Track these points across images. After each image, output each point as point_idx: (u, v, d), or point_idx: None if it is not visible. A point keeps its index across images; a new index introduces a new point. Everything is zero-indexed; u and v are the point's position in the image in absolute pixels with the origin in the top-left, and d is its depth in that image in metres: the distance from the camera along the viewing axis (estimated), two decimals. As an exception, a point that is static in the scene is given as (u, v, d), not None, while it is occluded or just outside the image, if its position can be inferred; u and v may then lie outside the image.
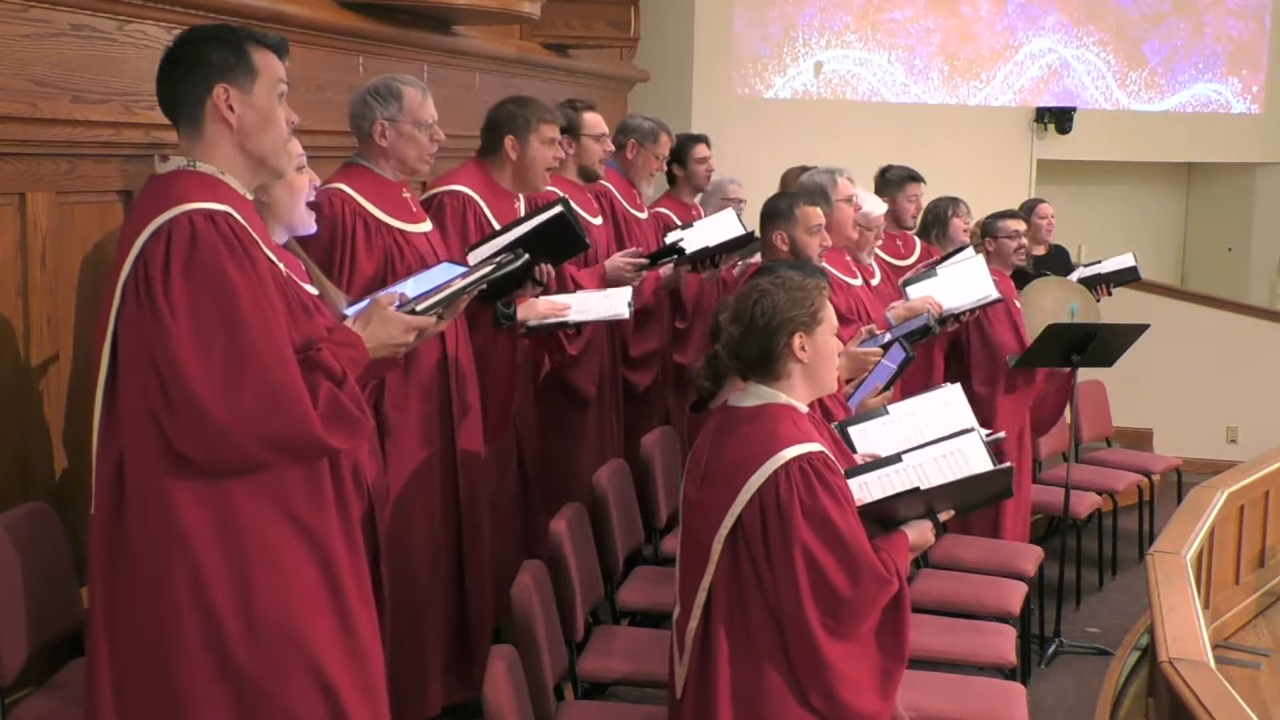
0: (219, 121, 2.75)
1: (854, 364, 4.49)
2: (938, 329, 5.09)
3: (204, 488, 2.63)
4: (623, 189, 5.79)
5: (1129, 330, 6.14)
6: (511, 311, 4.37)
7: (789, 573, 2.98)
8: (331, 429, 2.67)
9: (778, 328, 3.09)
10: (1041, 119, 10.02)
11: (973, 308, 5.58)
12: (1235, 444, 9.25)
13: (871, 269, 5.65)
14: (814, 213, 4.71)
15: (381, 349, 2.93)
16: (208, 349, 2.59)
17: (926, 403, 3.98)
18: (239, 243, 2.66)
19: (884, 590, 3.03)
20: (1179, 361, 9.30)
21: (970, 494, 3.34)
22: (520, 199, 4.76)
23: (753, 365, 3.15)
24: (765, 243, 4.75)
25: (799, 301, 3.11)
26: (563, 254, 4.42)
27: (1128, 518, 7.36)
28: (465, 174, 4.62)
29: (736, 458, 3.07)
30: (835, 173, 5.16)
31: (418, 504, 4.05)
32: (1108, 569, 7.02)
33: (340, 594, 2.77)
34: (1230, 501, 6.03)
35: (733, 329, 3.15)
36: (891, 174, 6.50)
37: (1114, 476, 7.20)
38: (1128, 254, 7.59)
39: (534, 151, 4.61)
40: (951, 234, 6.61)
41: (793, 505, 2.98)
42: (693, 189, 6.37)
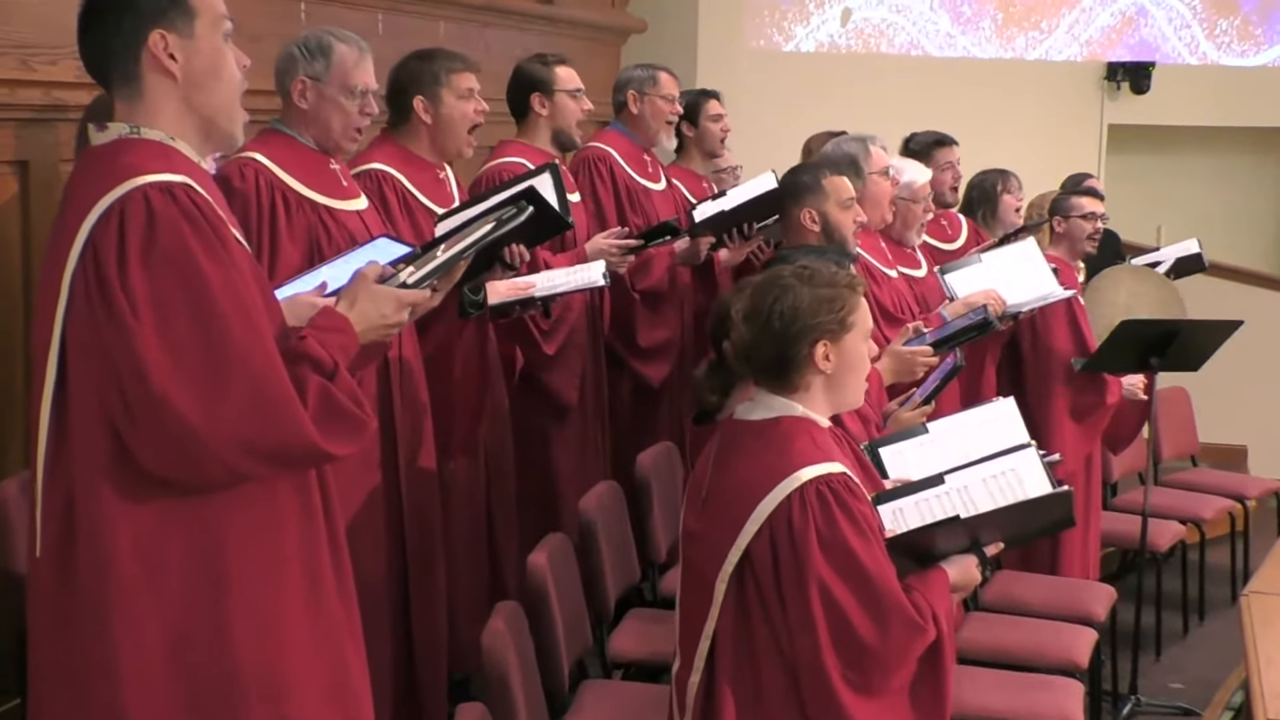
0: (160, 74, 2.72)
1: (900, 365, 4.50)
2: (999, 325, 5.10)
3: (174, 510, 2.63)
4: (629, 153, 5.81)
5: (1219, 328, 6.15)
6: (481, 298, 4.39)
7: (804, 616, 2.99)
8: (328, 431, 2.67)
9: (799, 334, 3.10)
10: (1113, 76, 10.05)
11: (1037, 306, 5.59)
12: (1343, 463, 9.26)
13: (916, 257, 5.66)
14: (844, 184, 4.74)
15: (371, 331, 2.90)
16: (178, 348, 2.58)
17: (973, 419, 3.99)
18: (205, 220, 2.64)
19: (917, 638, 3.03)
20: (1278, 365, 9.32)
21: (1024, 523, 3.34)
22: (447, 170, 4.78)
23: (765, 371, 3.16)
24: (790, 225, 4.77)
25: (827, 303, 3.12)
26: (539, 234, 4.44)
27: (1218, 551, 7.36)
28: (377, 151, 4.64)
29: (743, 480, 3.08)
30: (867, 141, 5.18)
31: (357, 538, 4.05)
32: (1194, 612, 7.02)
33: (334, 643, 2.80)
34: (1340, 531, 6.06)
35: (745, 327, 3.16)
36: (916, 142, 6.51)
37: (1201, 502, 7.21)
38: (1191, 239, 7.61)
39: (449, 109, 4.62)
40: (1001, 214, 6.62)
41: (808, 535, 2.99)
42: (705, 154, 6.38)
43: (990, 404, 4.08)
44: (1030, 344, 6.01)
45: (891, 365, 4.53)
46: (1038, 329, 5.98)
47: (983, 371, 5.86)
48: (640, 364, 5.66)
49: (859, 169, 5.03)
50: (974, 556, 3.25)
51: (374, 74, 4.12)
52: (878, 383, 4.45)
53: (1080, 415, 6.02)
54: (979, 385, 5.79)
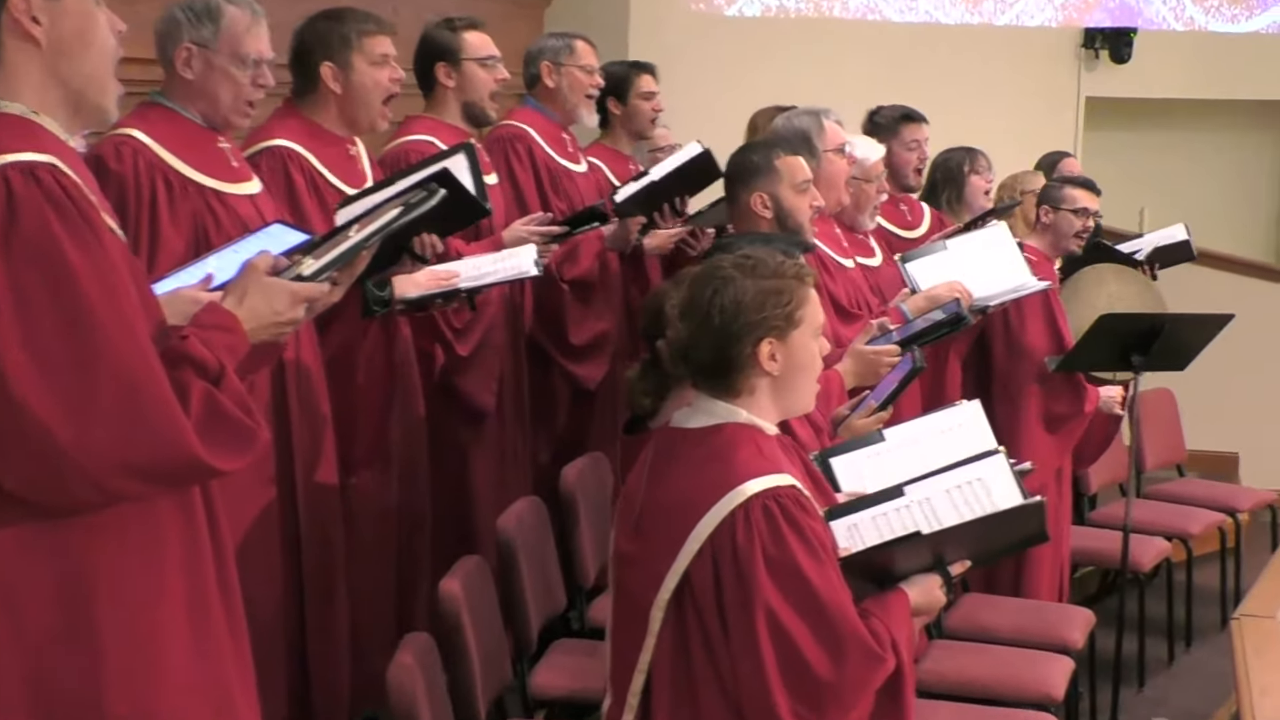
0: (21, 40, 2.69)
1: (863, 366, 4.52)
2: (971, 320, 5.14)
3: (36, 536, 2.60)
4: (546, 131, 5.81)
5: (1208, 323, 6.21)
6: (387, 295, 4.38)
7: (750, 647, 2.99)
8: (213, 443, 2.65)
9: (741, 331, 3.11)
10: (1091, 44, 10.14)
11: (1008, 299, 5.63)
12: (1345, 472, 9.39)
13: (870, 243, 5.70)
14: (800, 164, 4.75)
15: (263, 330, 2.88)
16: (41, 349, 2.55)
17: (935, 424, 4.01)
18: (73, 205, 2.61)
19: (875, 669, 3.05)
20: (1273, 364, 9.43)
21: (992, 538, 3.37)
22: (359, 145, 4.77)
23: (705, 373, 3.17)
24: (739, 210, 4.79)
25: (773, 296, 3.13)
26: (453, 221, 4.43)
27: (1206, 570, 7.44)
28: (279, 126, 4.61)
29: (681, 495, 3.09)
30: (821, 115, 5.20)
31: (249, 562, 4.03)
32: (1180, 638, 7.09)
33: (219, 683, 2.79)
34: (1340, 547, 6.15)
35: (682, 324, 3.17)
36: (882, 116, 6.54)
37: (1188, 516, 7.29)
38: (1177, 225, 7.69)
39: (361, 77, 4.62)
40: (968, 196, 6.68)
41: (754, 556, 3.00)
42: (633, 134, 6.40)
43: (954, 407, 4.08)
44: (1003, 342, 6.05)
45: (854, 367, 4.55)
46: (1011, 325, 6.02)
47: (946, 371, 5.89)
48: (573, 363, 5.66)
49: (812, 146, 5.05)
50: (937, 576, 3.28)
51: (269, 40, 4.10)
52: (839, 387, 4.47)
53: (1054, 424, 6.07)
54: (942, 387, 5.83)
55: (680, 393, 3.30)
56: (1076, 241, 6.20)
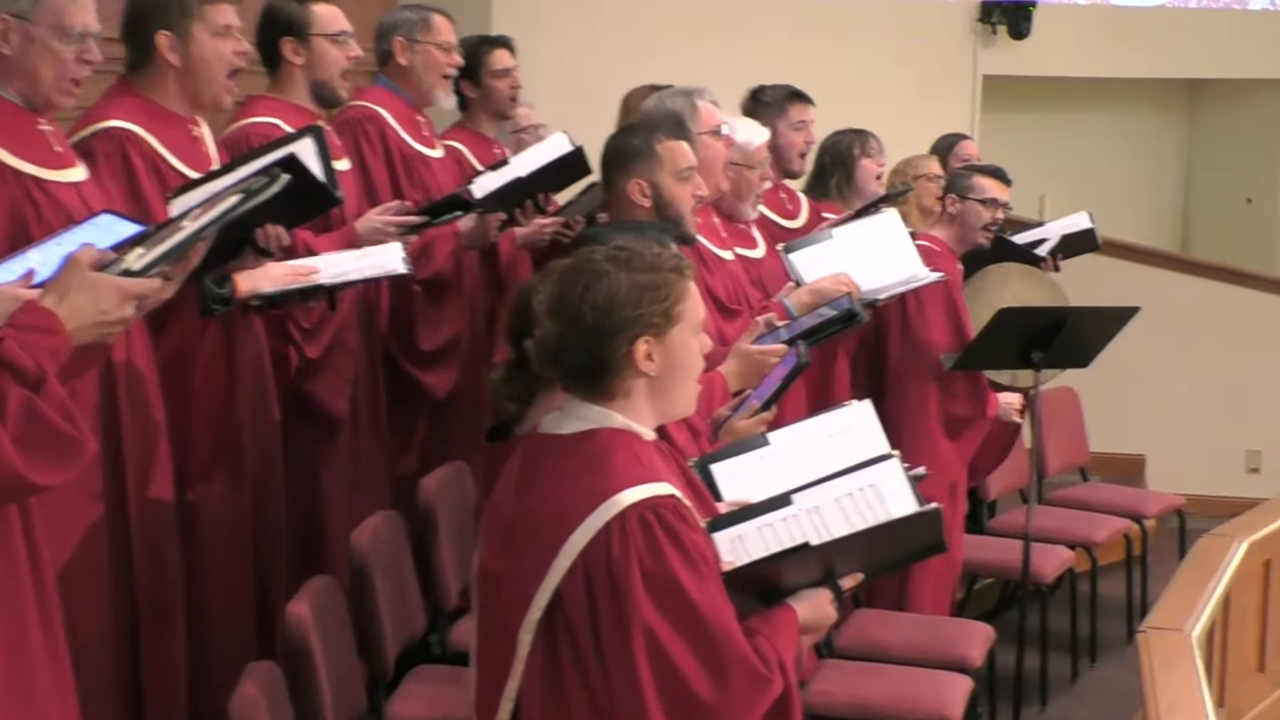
0: None
1: (749, 367, 4.54)
2: (865, 317, 5.18)
3: None
4: (400, 114, 5.79)
5: (1112, 316, 6.32)
6: (228, 292, 4.35)
7: (627, 670, 2.99)
8: (33, 455, 2.64)
9: (615, 329, 3.11)
10: (988, 18, 10.26)
11: (899, 292, 5.69)
12: (1258, 474, 9.57)
13: (752, 234, 5.73)
14: (683, 149, 4.76)
15: (87, 330, 2.86)
16: None
17: (823, 427, 4.03)
18: None
19: (762, 692, 3.06)
20: (1180, 360, 9.61)
21: (886, 549, 3.40)
22: (202, 125, 4.73)
23: (576, 375, 3.17)
24: (615, 198, 4.79)
25: (649, 291, 3.13)
26: (301, 211, 4.41)
27: (1112, 580, 7.57)
28: (113, 105, 4.57)
29: (551, 507, 3.09)
30: (694, 95, 5.23)
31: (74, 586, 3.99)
32: (1084, 653, 7.21)
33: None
34: (1252, 555, 6.23)
35: (551, 322, 3.16)
36: (767, 95, 6.55)
37: (1092, 523, 7.40)
38: (1080, 213, 7.81)
39: (202, 49, 4.59)
40: (859, 182, 6.73)
41: (630, 572, 3.01)
42: (492, 115, 6.39)
43: (843, 408, 4.11)
44: (899, 337, 6.11)
45: (739, 368, 4.57)
46: (910, 319, 6.08)
47: (834, 370, 5.95)
48: (422, 371, 5.63)
49: (685, 129, 5.07)
50: (828, 591, 3.30)
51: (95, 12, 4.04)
52: (722, 388, 4.50)
53: (954, 428, 6.14)
54: (830, 386, 5.88)
55: (549, 396, 3.29)
56: (984, 234, 6.27)
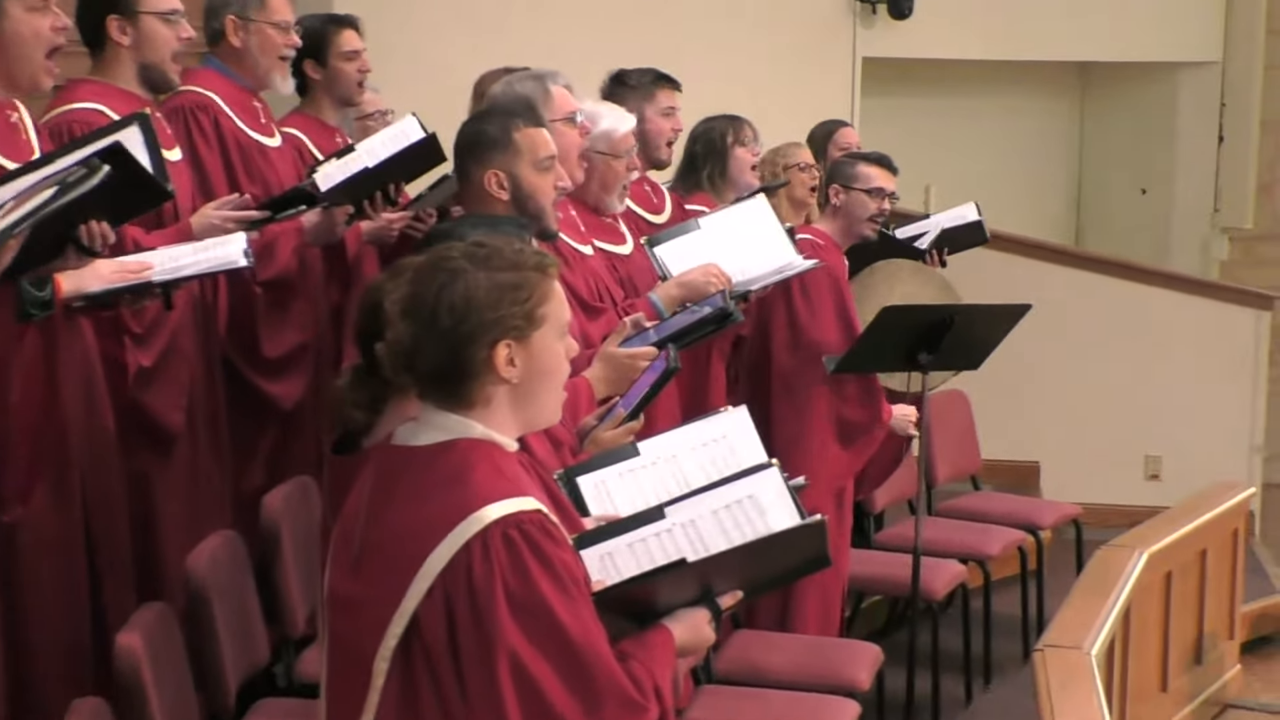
0: None
1: (618, 372, 4.58)
2: (740, 316, 5.22)
3: None
4: (234, 99, 5.75)
5: (1003, 314, 6.41)
6: (48, 294, 4.31)
7: (491, 698, 3.00)
8: None
9: (474, 331, 3.11)
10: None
11: (772, 281, 5.74)
12: (1158, 481, 9.76)
13: (619, 228, 5.75)
14: (543, 137, 4.76)
15: None
16: None
17: (697, 435, 4.05)
18: None
19: (635, 719, 3.08)
20: (1076, 360, 9.75)
21: (767, 565, 3.43)
22: (21, 110, 4.68)
23: (432, 381, 3.18)
24: (470, 190, 4.78)
25: (510, 290, 3.14)
26: (129, 205, 4.38)
27: (1006, 596, 7.68)
28: None
29: (407, 524, 3.08)
30: (546, 79, 5.23)
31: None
32: (978, 674, 7.30)
33: None
34: (1153, 567, 6.36)
35: (404, 324, 3.16)
36: (631, 78, 6.51)
37: (984, 535, 7.50)
38: (968, 204, 7.92)
39: (16, 25, 4.56)
40: (733, 172, 6.76)
41: (494, 594, 3.01)
42: (337, 100, 6.35)
43: (718, 415, 4.14)
44: (786, 335, 6.16)
45: (606, 373, 4.60)
46: (796, 315, 6.13)
47: (709, 373, 5.98)
48: (266, 380, 5.60)
49: (537, 115, 5.07)
50: (705, 610, 3.33)
51: None
52: (588, 396, 4.52)
53: (847, 434, 6.20)
54: (704, 391, 5.92)
55: (401, 404, 3.29)
56: (871, 225, 6.34)
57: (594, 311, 5.13)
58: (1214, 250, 12.13)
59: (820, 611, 6.17)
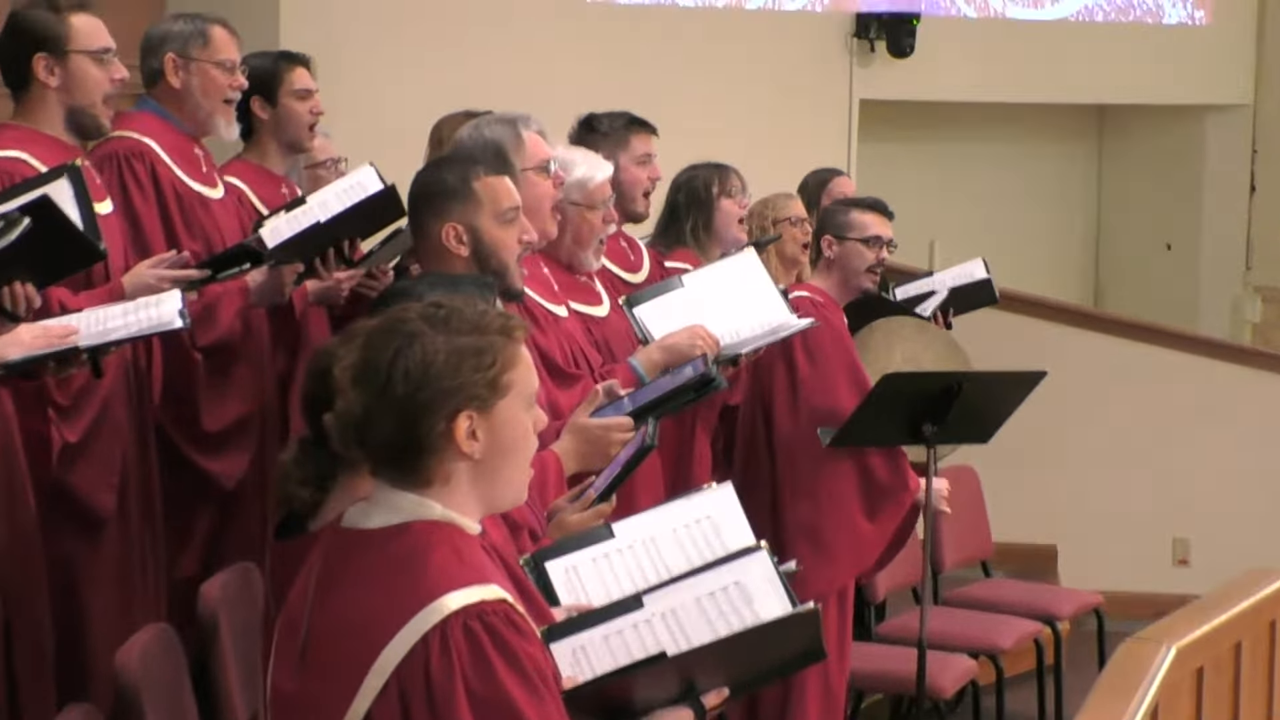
0: None
1: (589, 445, 4.57)
2: (724, 382, 5.22)
3: None
4: (173, 145, 5.75)
5: (1016, 382, 6.41)
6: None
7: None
8: None
9: (431, 401, 3.10)
10: (865, 33, 10.39)
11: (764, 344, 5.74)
12: (1187, 567, 9.74)
13: (594, 288, 5.75)
14: (506, 187, 4.76)
15: None
16: None
17: (678, 517, 4.01)
18: None
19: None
20: (1094, 432, 9.75)
21: (755, 658, 3.42)
22: None
23: (386, 457, 3.17)
24: (426, 246, 4.77)
25: (472, 356, 3.12)
26: (55, 266, 4.37)
27: (1021, 694, 7.65)
28: None
29: (359, 616, 3.07)
30: (518, 122, 5.22)
31: None
32: (991, 780, 7.30)
33: None
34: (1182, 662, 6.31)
35: (355, 393, 3.16)
36: (603, 124, 6.46)
37: (997, 626, 7.48)
38: (975, 260, 7.93)
39: None
40: (718, 226, 6.74)
41: (454, 693, 2.99)
42: (286, 146, 6.31)
43: (700, 493, 4.11)
44: (787, 401, 6.15)
45: (576, 446, 4.59)
46: (801, 384, 6.12)
47: (693, 446, 5.97)
48: (205, 456, 5.58)
49: (508, 163, 5.06)
50: (688, 710, 3.32)
51: None
52: (556, 472, 4.50)
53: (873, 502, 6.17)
54: (688, 466, 5.91)
55: (352, 482, 3.30)
56: (869, 277, 6.35)
57: (569, 379, 5.12)
58: (1246, 311, 12.15)
59: (823, 708, 6.14)
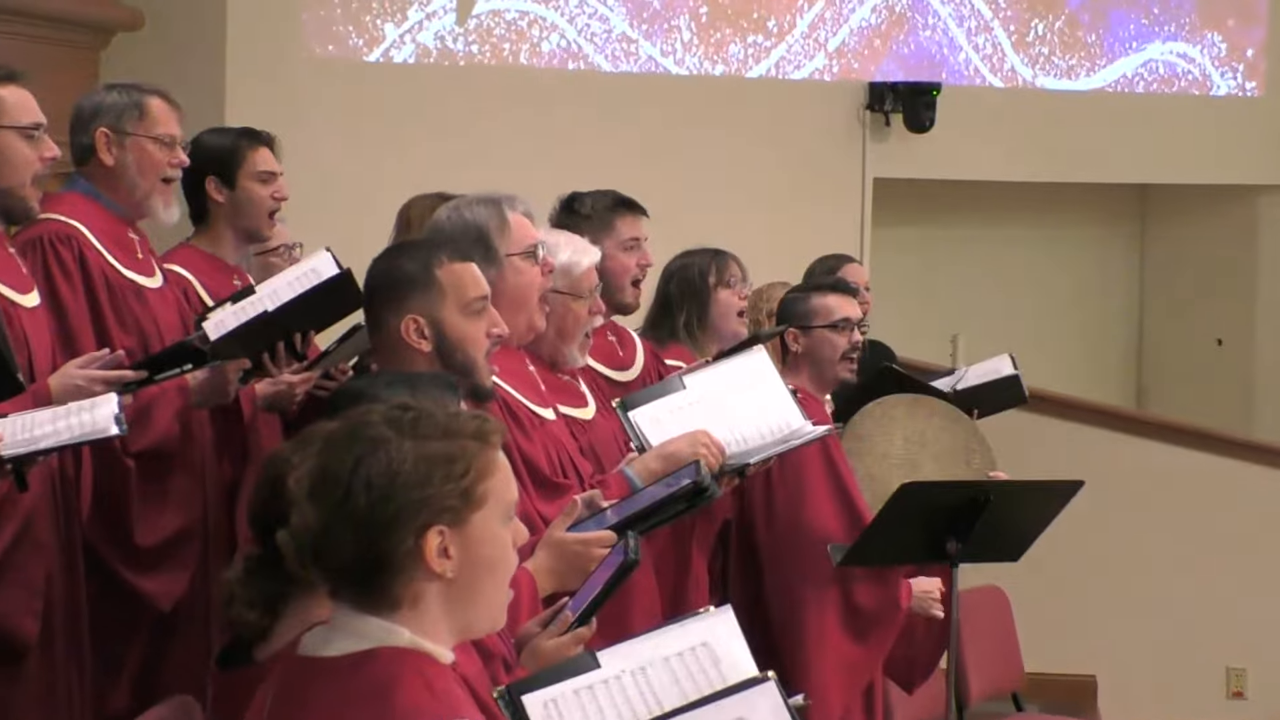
0: None
1: (566, 563, 4.55)
2: (718, 490, 5.18)
3: None
4: (105, 229, 5.75)
5: (1048, 493, 6.39)
6: None
7: None
8: None
9: (398, 515, 3.08)
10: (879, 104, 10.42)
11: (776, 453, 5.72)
12: (1242, 700, 9.69)
13: (578, 387, 5.75)
14: (472, 274, 4.77)
15: None
16: None
17: (670, 643, 4.00)
18: None
19: None
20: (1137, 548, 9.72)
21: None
22: None
23: (347, 578, 3.16)
24: (383, 340, 4.78)
25: (443, 464, 3.11)
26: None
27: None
28: None
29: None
30: (503, 204, 5.21)
31: None
32: None
33: None
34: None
35: (312, 506, 3.14)
36: (586, 205, 6.47)
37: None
38: (1001, 356, 7.94)
39: None
40: (715, 319, 6.74)
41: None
42: (242, 233, 6.29)
43: (696, 617, 4.09)
44: (764, 519, 6.16)
45: (552, 563, 4.57)
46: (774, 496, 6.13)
47: (689, 567, 5.95)
48: (139, 575, 5.56)
49: (490, 249, 5.07)
50: None
51: None
52: (530, 593, 4.48)
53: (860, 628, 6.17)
54: (684, 588, 5.89)
55: (307, 605, 3.30)
56: (845, 367, 6.37)
57: (556, 489, 5.08)
58: (1306, 414, 12.18)
59: None
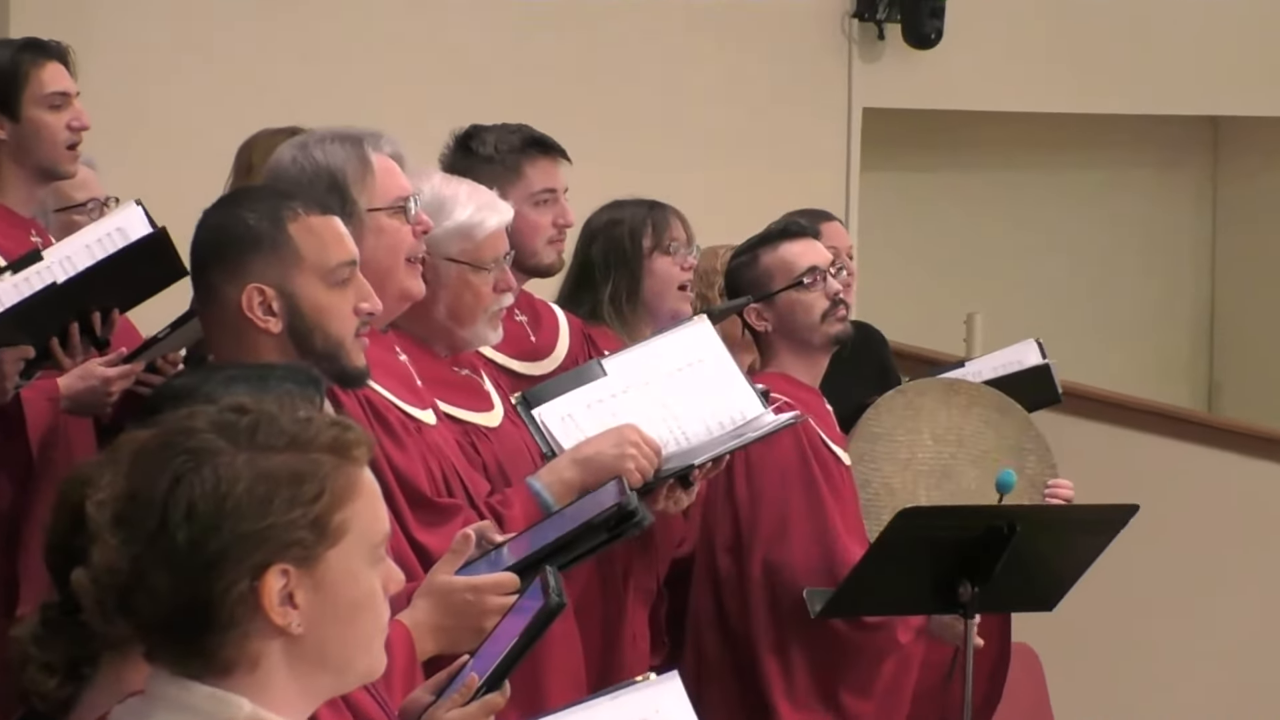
0: None
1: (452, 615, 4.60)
2: (648, 516, 5.19)
3: None
4: None
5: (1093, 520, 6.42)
6: None
7: None
8: None
9: (226, 553, 3.03)
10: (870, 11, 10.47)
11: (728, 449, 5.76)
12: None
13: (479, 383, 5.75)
14: (334, 231, 4.76)
15: None
16: None
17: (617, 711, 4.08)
18: None
19: None
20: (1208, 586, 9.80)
21: None
22: None
23: (165, 633, 3.14)
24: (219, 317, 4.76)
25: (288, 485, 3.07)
26: None
27: None
28: None
29: None
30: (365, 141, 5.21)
31: None
32: None
33: None
34: None
35: (119, 541, 3.12)
36: (489, 144, 6.52)
37: None
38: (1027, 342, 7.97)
39: None
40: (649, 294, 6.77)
41: None
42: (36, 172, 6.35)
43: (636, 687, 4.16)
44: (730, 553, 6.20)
45: (434, 617, 4.61)
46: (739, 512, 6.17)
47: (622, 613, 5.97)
48: None
49: (347, 199, 5.08)
50: None
51: None
52: (405, 653, 4.49)
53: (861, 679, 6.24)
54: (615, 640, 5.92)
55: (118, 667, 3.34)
56: (833, 325, 6.37)
57: (440, 513, 5.09)
58: None
59: None
